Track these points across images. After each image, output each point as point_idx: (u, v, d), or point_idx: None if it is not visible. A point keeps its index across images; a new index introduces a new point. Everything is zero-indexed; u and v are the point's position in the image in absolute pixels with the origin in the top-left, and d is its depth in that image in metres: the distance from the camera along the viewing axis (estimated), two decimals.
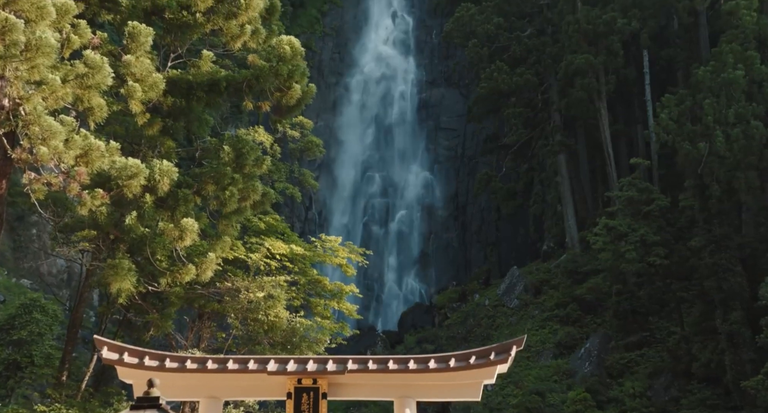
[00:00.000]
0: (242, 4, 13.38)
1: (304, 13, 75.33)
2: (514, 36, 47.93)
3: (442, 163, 64.84)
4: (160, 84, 13.61)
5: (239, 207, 14.89)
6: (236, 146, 14.80)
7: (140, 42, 12.80)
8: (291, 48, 14.45)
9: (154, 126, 14.94)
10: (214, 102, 15.02)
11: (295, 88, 14.78)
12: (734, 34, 37.08)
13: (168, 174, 13.23)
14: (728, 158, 34.68)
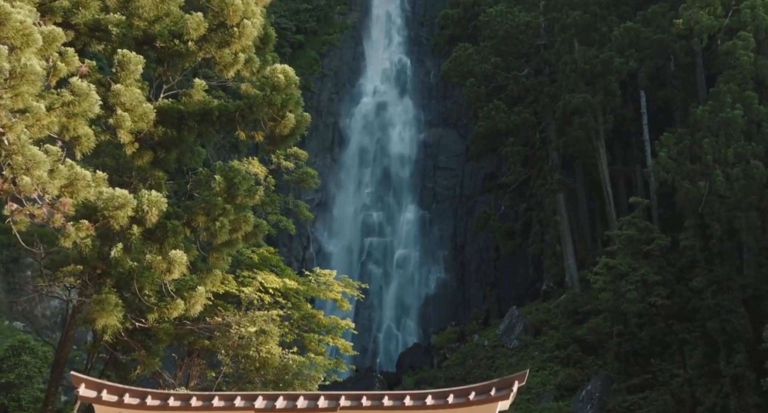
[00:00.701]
0: (235, 33, 13.10)
1: (303, 55, 76.08)
2: (512, 75, 48.10)
3: (440, 203, 64.71)
4: (150, 114, 13.31)
5: (230, 239, 14.46)
6: (228, 176, 14.44)
7: (130, 70, 12.52)
8: (285, 77, 14.20)
9: (144, 156, 14.59)
10: (206, 132, 14.68)
11: (289, 117, 14.47)
12: (732, 75, 37.12)
13: (157, 204, 12.85)
14: (729, 198, 34.43)
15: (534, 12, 48.90)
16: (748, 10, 37.17)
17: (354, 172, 68.12)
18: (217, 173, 14.49)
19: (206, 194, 14.28)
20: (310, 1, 78.26)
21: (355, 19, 78.55)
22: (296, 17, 76.62)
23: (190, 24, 12.95)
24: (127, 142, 13.38)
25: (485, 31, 48.53)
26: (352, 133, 70.43)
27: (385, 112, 70.48)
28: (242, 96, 14.41)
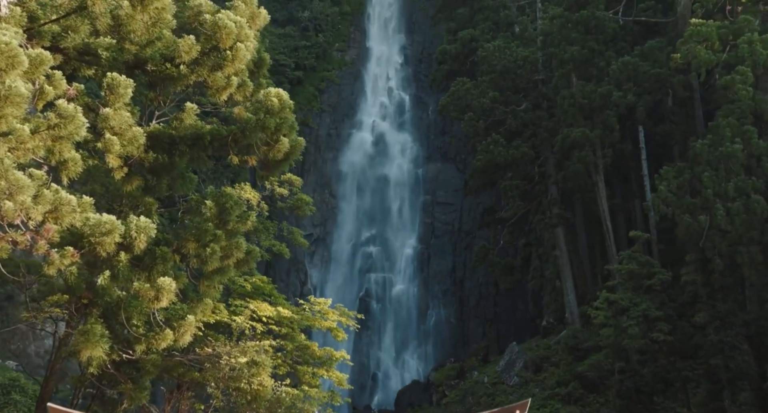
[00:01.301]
0: (228, 56, 12.83)
1: (302, 91, 76.53)
2: (510, 110, 48.12)
3: (439, 238, 64.40)
4: (140, 138, 12.97)
5: (222, 266, 14.02)
6: (219, 201, 14.04)
7: (119, 94, 12.22)
8: (279, 100, 13.90)
9: (134, 182, 14.22)
10: (198, 157, 14.34)
11: (283, 141, 14.14)
12: (730, 109, 37.02)
13: (145, 230, 12.45)
14: (730, 232, 34.07)
15: (532, 47, 49.12)
16: (745, 46, 37.18)
17: (352, 207, 68.02)
18: (209, 198, 14.10)
19: (197, 220, 13.86)
20: (309, 38, 78.97)
21: (353, 55, 79.14)
22: (295, 54, 77.21)
23: (182, 47, 12.72)
24: (116, 167, 13.02)
25: (483, 66, 48.68)
26: (351, 169, 70.45)
27: (384, 148, 70.60)
28: (235, 120, 14.12)
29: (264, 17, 13.96)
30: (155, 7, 12.61)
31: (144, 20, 12.72)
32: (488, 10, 53.42)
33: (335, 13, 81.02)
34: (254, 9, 13.72)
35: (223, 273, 14.28)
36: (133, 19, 12.78)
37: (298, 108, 75.45)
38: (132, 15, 12.74)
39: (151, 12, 12.63)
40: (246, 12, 13.48)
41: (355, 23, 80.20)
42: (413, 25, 78.65)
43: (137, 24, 12.87)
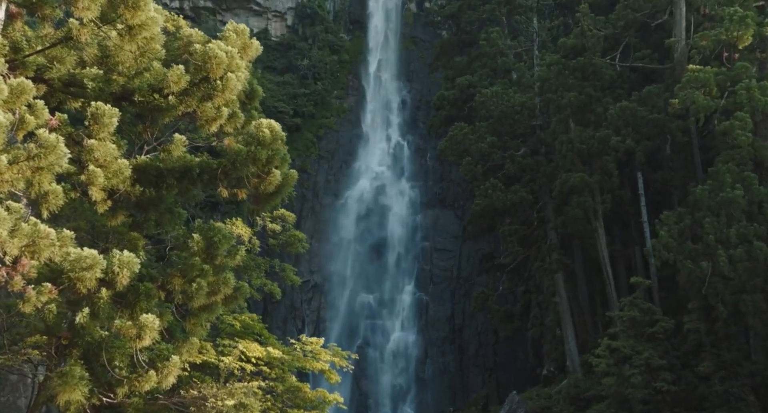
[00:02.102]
0: (218, 86, 12.45)
1: (301, 137, 76.78)
2: (508, 155, 48.00)
3: (437, 284, 63.79)
4: (125, 170, 12.50)
5: (209, 302, 13.39)
6: (207, 235, 13.50)
7: (104, 123, 11.78)
8: (271, 132, 13.48)
9: (118, 216, 13.71)
10: (186, 190, 13.84)
11: (275, 173, 13.67)
12: (730, 155, 36.82)
13: (129, 265, 11.86)
14: (733, 280, 33.54)
15: (529, 93, 49.20)
16: (743, 92, 37.13)
17: (350, 254, 67.61)
18: (196, 231, 13.58)
19: (184, 255, 13.32)
20: (308, 86, 79.56)
21: (352, 102, 79.62)
22: (294, 101, 77.69)
23: (170, 77, 12.32)
24: (100, 200, 12.52)
25: (481, 111, 48.72)
26: (349, 215, 70.27)
27: (382, 194, 70.49)
28: (225, 151, 13.69)
29: (256, 48, 13.66)
30: (144, 37, 12.30)
31: (132, 50, 12.40)
32: (486, 57, 53.75)
33: (334, 61, 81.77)
34: (246, 40, 13.42)
35: (210, 311, 13.66)
36: (121, 50, 12.47)
37: (296, 154, 75.53)
38: (120, 45, 12.44)
39: (139, 42, 12.32)
40: (237, 43, 13.18)
41: (353, 71, 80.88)
42: (411, 73, 79.28)
43: (125, 55, 12.56)
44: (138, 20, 12.01)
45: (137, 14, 11.88)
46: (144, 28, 12.17)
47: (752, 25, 37.83)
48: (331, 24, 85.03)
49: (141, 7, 11.84)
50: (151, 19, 12.12)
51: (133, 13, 11.86)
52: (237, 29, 13.31)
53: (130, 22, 12.04)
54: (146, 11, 11.95)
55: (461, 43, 59.51)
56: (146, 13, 11.97)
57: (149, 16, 12.06)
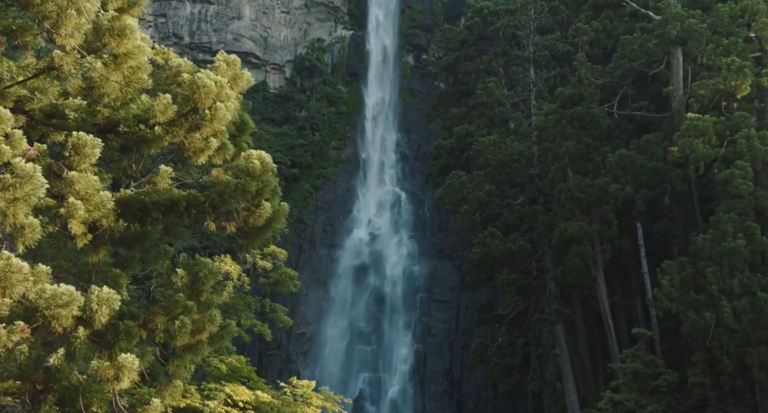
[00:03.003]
0: (207, 115, 11.96)
1: (298, 188, 76.70)
2: (506, 203, 47.60)
3: (435, 336, 62.72)
4: (107, 203, 11.89)
5: (193, 342, 12.61)
6: (192, 270, 12.81)
7: (86, 154, 11.24)
8: (261, 163, 12.98)
9: (100, 251, 13.06)
10: (172, 225, 13.20)
11: (265, 206, 13.06)
12: (731, 204, 36.43)
13: (108, 302, 11.17)
14: (738, 331, 32.80)
15: (527, 142, 49.11)
16: (743, 141, 36.95)
17: (347, 305, 66.82)
18: (180, 266, 12.92)
19: (168, 292, 12.63)
20: (306, 137, 79.78)
21: (350, 153, 79.72)
22: (291, 152, 77.81)
23: (157, 107, 11.84)
24: (79, 234, 11.90)
25: (478, 160, 48.53)
26: (346, 266, 69.67)
27: (380, 245, 70.04)
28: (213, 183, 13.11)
29: (247, 79, 13.24)
30: (130, 66, 11.88)
31: (117, 80, 11.96)
32: (483, 107, 53.86)
33: (332, 112, 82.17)
34: (237, 71, 13.01)
35: (195, 351, 12.88)
36: (107, 81, 12.03)
37: (294, 205, 75.27)
38: (105, 76, 12.01)
39: (125, 71, 11.90)
40: (228, 73, 12.79)
41: (351, 122, 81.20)
42: (409, 124, 79.59)
43: (111, 86, 12.11)
44: (124, 49, 11.62)
45: (123, 42, 11.49)
46: (130, 56, 11.77)
47: (750, 75, 37.86)
48: (330, 76, 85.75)
49: (127, 36, 11.45)
50: (138, 48, 11.74)
51: (118, 42, 11.48)
52: (228, 60, 12.93)
53: (116, 51, 11.64)
54: (132, 40, 11.57)
55: (458, 93, 59.79)
56: (132, 42, 11.59)
57: (136, 45, 11.67)
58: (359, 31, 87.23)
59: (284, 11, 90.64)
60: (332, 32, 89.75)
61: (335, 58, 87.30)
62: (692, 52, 41.40)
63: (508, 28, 55.12)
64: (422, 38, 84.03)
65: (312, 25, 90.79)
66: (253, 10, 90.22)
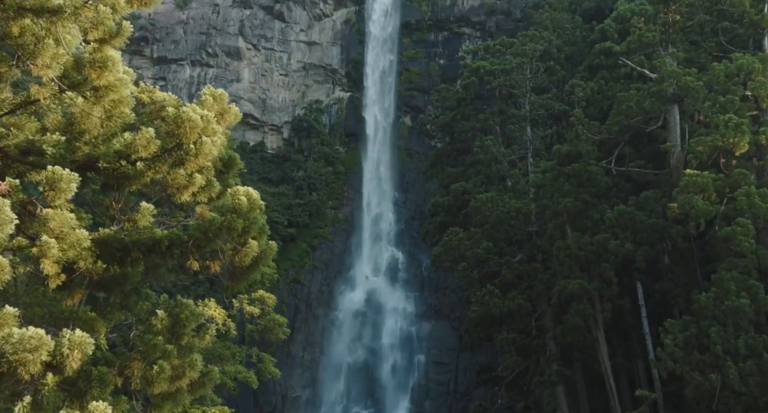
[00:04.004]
0: (191, 150, 11.39)
1: (295, 247, 76.13)
2: (505, 261, 46.88)
3: (433, 399, 61.14)
4: (84, 241, 11.22)
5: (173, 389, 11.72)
6: (173, 312, 12.02)
7: (61, 189, 10.61)
8: (248, 199, 12.33)
9: (75, 294, 12.31)
10: (154, 266, 12.46)
11: (252, 244, 12.36)
12: (733, 262, 35.77)
13: (80, 346, 10.37)
14: (745, 395, 31.72)
15: (524, 199, 48.74)
16: (743, 198, 36.49)
17: (344, 367, 65.41)
18: (160, 307, 12.15)
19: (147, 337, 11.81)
20: (303, 196, 79.59)
21: (347, 213, 79.39)
22: (288, 212, 77.45)
23: (139, 141, 11.28)
24: (52, 274, 11.18)
25: (476, 217, 48.06)
26: (343, 327, 68.58)
27: (377, 305, 69.04)
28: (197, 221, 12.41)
29: (235, 114, 12.74)
30: (111, 100, 11.38)
31: (98, 115, 11.43)
32: (480, 165, 53.70)
33: (329, 172, 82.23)
34: (224, 105, 12.51)
35: (174, 400, 11.97)
36: (87, 116, 11.51)
37: (290, 265, 74.48)
38: (87, 112, 11.49)
39: (106, 104, 11.39)
40: (215, 107, 12.31)
41: (348, 181, 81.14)
42: (406, 184, 79.49)
43: (92, 122, 11.58)
44: (105, 81, 11.15)
45: (104, 75, 11.02)
46: (111, 89, 11.28)
47: (748, 133, 37.64)
48: (327, 136, 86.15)
49: (108, 67, 10.99)
50: (120, 81, 11.28)
51: (99, 74, 11.00)
52: (215, 94, 12.46)
53: (97, 83, 11.16)
54: (114, 72, 11.10)
55: (455, 151, 59.79)
56: (114, 74, 11.12)
57: (118, 77, 11.21)
58: (357, 93, 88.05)
59: (283, 74, 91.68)
60: (330, 94, 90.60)
61: (333, 118, 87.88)
62: (689, 110, 41.40)
63: (504, 87, 55.45)
64: (419, 100, 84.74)
65: (310, 86, 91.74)
66: (251, 73, 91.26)
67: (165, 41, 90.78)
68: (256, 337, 35.57)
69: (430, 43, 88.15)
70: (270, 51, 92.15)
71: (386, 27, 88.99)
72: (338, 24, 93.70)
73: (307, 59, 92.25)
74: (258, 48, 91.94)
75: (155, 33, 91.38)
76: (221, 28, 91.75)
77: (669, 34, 44.18)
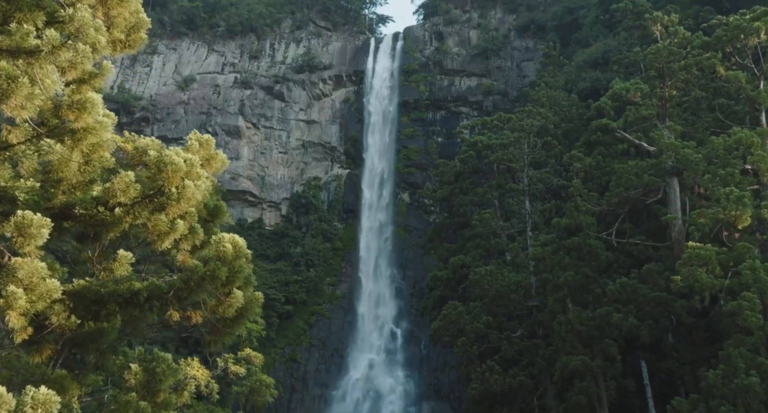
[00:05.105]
0: (173, 194, 10.70)
1: (291, 325, 74.85)
2: (505, 336, 45.64)
3: None
4: (54, 292, 10.39)
5: None
6: (149, 366, 11.09)
7: (31, 235, 9.88)
8: (234, 247, 11.56)
9: (43, 350, 11.38)
10: (131, 319, 11.55)
11: (236, 294, 11.50)
12: (740, 339, 34.70)
13: (45, 405, 9.49)
14: None
15: (524, 273, 47.92)
16: (748, 272, 35.68)
17: None
18: (135, 361, 11.20)
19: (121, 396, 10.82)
20: (301, 273, 78.69)
21: (345, 289, 78.37)
22: (286, 288, 76.47)
23: (117, 185, 10.65)
24: (18, 328, 10.32)
25: (475, 290, 47.10)
26: (340, 407, 66.54)
27: (375, 384, 67.19)
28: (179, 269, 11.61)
29: (222, 161, 12.15)
30: (90, 143, 10.77)
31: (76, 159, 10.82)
32: (479, 238, 53.09)
33: (327, 248, 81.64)
34: (211, 151, 11.94)
35: None
36: (66, 164, 10.89)
37: (287, 343, 72.91)
38: (66, 159, 10.88)
39: (84, 148, 10.78)
40: (200, 152, 11.73)
41: (346, 258, 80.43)
42: (405, 260, 78.71)
43: (69, 169, 10.95)
44: (83, 123, 10.57)
45: (82, 117, 10.46)
46: (90, 132, 10.69)
47: (750, 206, 37.17)
48: (325, 213, 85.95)
49: (87, 109, 10.43)
50: (100, 123, 10.70)
51: (77, 115, 10.44)
52: (200, 139, 11.92)
53: (74, 126, 10.60)
54: (93, 113, 10.54)
55: (454, 225, 59.30)
56: (93, 116, 10.57)
57: (97, 120, 10.65)
58: (355, 170, 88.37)
59: (282, 151, 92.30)
60: (329, 171, 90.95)
61: (331, 195, 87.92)
62: (688, 182, 41.09)
63: (502, 161, 55.44)
64: (417, 176, 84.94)
65: (309, 164, 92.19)
66: (251, 151, 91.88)
67: (166, 121, 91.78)
68: (242, 400, 33.72)
69: (428, 122, 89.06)
70: (269, 129, 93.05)
71: (385, 106, 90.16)
72: (337, 103, 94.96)
73: (306, 137, 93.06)
74: (257, 126, 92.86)
75: (156, 113, 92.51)
76: (222, 108, 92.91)
77: (666, 108, 44.35)
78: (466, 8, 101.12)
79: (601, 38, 74.71)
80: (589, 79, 67.06)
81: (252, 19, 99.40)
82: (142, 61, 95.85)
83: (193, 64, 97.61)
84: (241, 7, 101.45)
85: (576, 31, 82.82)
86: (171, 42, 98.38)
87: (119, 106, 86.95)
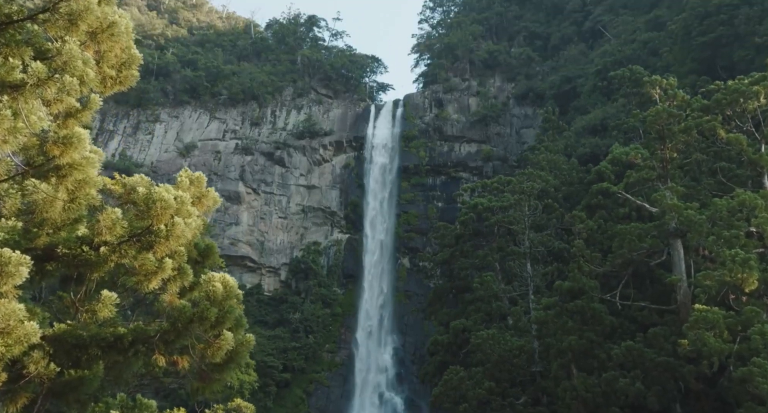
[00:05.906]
0: (162, 231, 10.16)
1: (289, 393, 73.10)
2: (508, 403, 44.20)
3: None
4: (33, 336, 9.73)
5: None
6: None
7: (8, 273, 9.29)
8: (224, 286, 10.94)
9: (17, 399, 10.63)
10: (115, 365, 10.84)
11: (226, 336, 10.79)
12: (752, 408, 33.57)
13: None
14: None
15: (526, 337, 46.80)
16: (758, 337, 34.77)
17: None
18: (116, 408, 10.43)
19: None
20: (299, 339, 77.29)
21: (344, 356, 76.85)
22: (284, 355, 74.96)
23: (103, 222, 10.13)
24: None
25: (477, 355, 45.89)
26: None
27: None
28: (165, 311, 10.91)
29: (214, 199, 11.67)
30: (75, 180, 10.30)
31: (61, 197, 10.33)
32: (480, 302, 52.15)
33: (326, 314, 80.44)
34: (202, 189, 11.48)
35: None
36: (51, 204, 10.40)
37: (284, 412, 70.93)
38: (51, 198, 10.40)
39: (69, 185, 10.30)
40: (191, 190, 11.26)
41: (346, 324, 79.17)
42: (405, 326, 77.42)
43: (55, 209, 10.46)
44: (69, 159, 10.11)
45: (68, 152, 10.01)
46: (76, 168, 10.24)
47: (756, 269, 36.46)
48: (325, 278, 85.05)
49: (74, 144, 9.99)
50: (86, 159, 10.25)
51: (63, 150, 10.00)
52: (191, 177, 11.47)
53: (59, 162, 10.14)
54: (80, 149, 10.09)
55: (454, 289, 58.41)
56: (80, 152, 10.12)
57: (83, 155, 10.21)
58: (355, 235, 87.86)
59: (281, 217, 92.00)
60: (328, 235, 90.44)
61: (331, 260, 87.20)
62: (692, 244, 40.46)
63: (502, 224, 54.96)
64: (417, 241, 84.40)
65: (308, 229, 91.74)
66: (251, 216, 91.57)
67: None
68: None
69: (428, 187, 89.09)
70: (269, 194, 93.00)
71: (385, 171, 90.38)
72: (337, 168, 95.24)
73: (306, 202, 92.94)
74: (258, 192, 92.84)
75: (157, 180, 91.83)
76: (222, 174, 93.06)
77: (667, 170, 44.13)
78: (466, 77, 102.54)
79: (600, 105, 75.32)
80: (588, 144, 67.27)
81: (254, 87, 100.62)
82: (144, 129, 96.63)
83: (195, 131, 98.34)
84: (243, 75, 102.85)
85: (574, 98, 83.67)
86: (173, 110, 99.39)
87: (120, 173, 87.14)
